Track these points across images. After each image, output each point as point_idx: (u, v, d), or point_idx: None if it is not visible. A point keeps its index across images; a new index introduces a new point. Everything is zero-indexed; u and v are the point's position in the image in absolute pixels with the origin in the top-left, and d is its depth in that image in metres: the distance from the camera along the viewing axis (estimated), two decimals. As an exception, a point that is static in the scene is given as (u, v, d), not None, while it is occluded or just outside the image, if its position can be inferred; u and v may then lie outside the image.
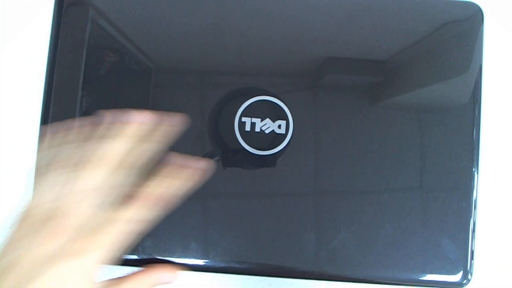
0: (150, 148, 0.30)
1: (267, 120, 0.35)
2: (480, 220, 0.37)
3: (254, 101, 0.35)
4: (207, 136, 0.35)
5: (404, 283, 0.35)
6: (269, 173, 0.35)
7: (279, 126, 0.35)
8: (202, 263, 0.35)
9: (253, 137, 0.35)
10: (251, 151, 0.35)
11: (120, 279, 0.29)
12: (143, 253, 0.34)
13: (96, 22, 0.36)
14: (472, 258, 0.35)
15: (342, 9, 0.37)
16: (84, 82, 0.35)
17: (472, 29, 0.37)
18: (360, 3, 0.37)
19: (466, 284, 0.35)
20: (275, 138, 0.35)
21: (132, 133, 0.29)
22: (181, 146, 0.35)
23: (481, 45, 0.37)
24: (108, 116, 0.30)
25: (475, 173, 0.36)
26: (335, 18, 0.37)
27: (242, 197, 0.35)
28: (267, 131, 0.35)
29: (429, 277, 0.35)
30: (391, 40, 0.36)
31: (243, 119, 0.35)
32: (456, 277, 0.35)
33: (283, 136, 0.35)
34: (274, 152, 0.35)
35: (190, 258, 0.35)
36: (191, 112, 0.35)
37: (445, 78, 0.36)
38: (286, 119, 0.35)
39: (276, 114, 0.35)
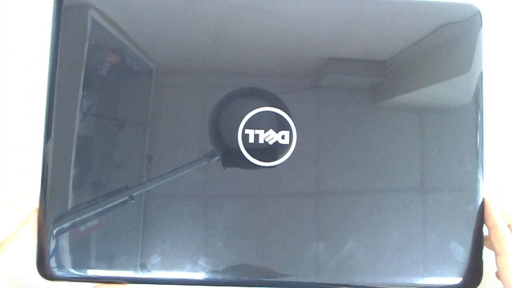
0: None
1: (270, 131, 0.35)
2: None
3: (257, 113, 0.35)
4: (210, 142, 0.35)
5: (414, 289, 0.35)
6: (274, 183, 0.35)
7: (283, 137, 0.35)
8: (208, 277, 0.35)
9: (257, 149, 0.35)
10: (256, 163, 0.35)
11: None
12: (151, 270, 0.34)
13: (97, 22, 0.36)
14: (481, 261, 0.35)
15: (343, 11, 0.37)
16: (85, 82, 0.35)
17: (471, 31, 0.37)
18: (360, 4, 0.37)
19: (476, 287, 0.35)
20: (279, 149, 0.35)
21: None
22: (184, 159, 0.35)
23: (481, 46, 0.37)
24: None
25: (480, 175, 0.36)
26: (337, 20, 0.36)
27: (249, 209, 0.35)
28: (270, 142, 0.35)
29: (439, 281, 0.35)
30: (390, 41, 0.36)
31: (246, 131, 0.35)
32: (466, 281, 0.35)
33: (287, 147, 0.35)
34: (278, 163, 0.35)
35: (197, 272, 0.34)
36: (192, 115, 0.35)
37: (445, 79, 0.36)
38: (289, 128, 0.35)
39: (278, 124, 0.35)
